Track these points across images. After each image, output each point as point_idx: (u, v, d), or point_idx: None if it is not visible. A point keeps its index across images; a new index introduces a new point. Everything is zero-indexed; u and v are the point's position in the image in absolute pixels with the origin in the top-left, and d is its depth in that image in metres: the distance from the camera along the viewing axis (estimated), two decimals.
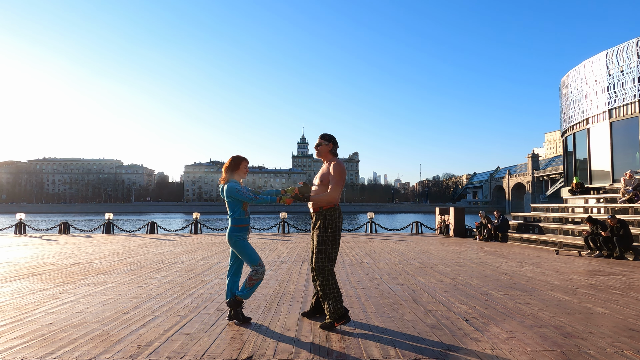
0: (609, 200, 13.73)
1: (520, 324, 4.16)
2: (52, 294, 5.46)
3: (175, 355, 3.24)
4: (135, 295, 5.43)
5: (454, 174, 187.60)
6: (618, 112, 15.25)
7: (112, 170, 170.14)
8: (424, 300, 5.21)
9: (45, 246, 12.21)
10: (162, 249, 11.48)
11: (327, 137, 4.19)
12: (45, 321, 4.18)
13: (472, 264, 8.61)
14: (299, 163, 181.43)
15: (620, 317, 4.43)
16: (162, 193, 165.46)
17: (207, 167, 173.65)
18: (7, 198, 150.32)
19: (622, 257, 9.52)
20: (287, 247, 11.90)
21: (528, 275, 7.13)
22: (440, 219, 17.64)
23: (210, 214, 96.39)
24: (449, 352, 3.34)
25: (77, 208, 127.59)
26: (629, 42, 14.86)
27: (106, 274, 7.16)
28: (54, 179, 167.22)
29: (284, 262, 8.71)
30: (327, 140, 4.17)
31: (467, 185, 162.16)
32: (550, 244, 12.18)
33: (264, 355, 3.25)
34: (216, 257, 9.67)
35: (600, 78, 16.04)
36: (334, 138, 4.23)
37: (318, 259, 3.97)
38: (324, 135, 4.21)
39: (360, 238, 15.46)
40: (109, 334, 3.77)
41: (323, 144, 4.16)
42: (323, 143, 4.16)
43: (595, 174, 16.58)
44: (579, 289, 5.96)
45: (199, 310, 4.63)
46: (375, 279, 6.68)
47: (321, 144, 4.17)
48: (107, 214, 18.97)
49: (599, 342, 3.61)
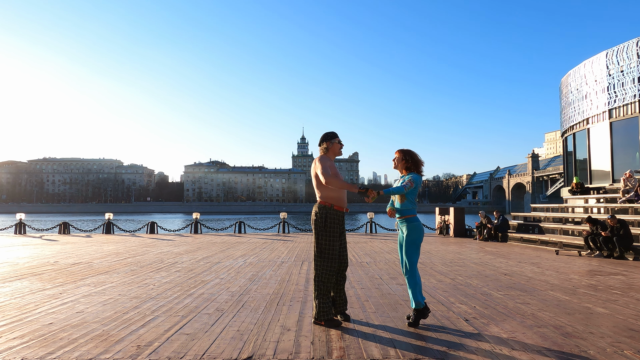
0: (609, 200, 13.73)
1: (520, 324, 4.16)
2: (52, 294, 5.46)
3: (175, 355, 3.24)
4: (135, 295, 5.43)
5: (454, 174, 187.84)
6: (618, 112, 15.25)
7: (112, 170, 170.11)
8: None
9: (45, 246, 12.21)
10: (162, 249, 11.48)
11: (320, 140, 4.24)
12: (45, 321, 4.18)
13: (472, 264, 8.61)
14: (299, 163, 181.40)
15: (620, 317, 4.43)
16: (162, 193, 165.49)
17: (207, 167, 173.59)
18: (7, 198, 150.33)
19: (622, 257, 9.51)
20: (287, 247, 11.90)
21: (528, 275, 7.13)
22: (440, 219, 17.64)
23: (210, 214, 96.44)
24: (449, 352, 3.33)
25: (77, 208, 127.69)
26: (629, 42, 14.86)
27: (106, 274, 7.16)
28: (54, 179, 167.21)
29: (284, 262, 8.71)
30: (319, 144, 4.23)
31: (467, 185, 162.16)
32: (550, 244, 12.18)
33: (264, 355, 3.25)
34: (216, 257, 9.67)
35: (600, 78, 16.04)
36: (324, 136, 4.22)
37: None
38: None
39: (360, 238, 15.46)
40: (109, 334, 3.77)
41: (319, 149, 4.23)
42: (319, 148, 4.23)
43: (595, 174, 16.58)
44: (579, 289, 5.96)
45: (199, 310, 4.63)
46: (375, 279, 6.68)
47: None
48: (107, 214, 18.98)
49: (599, 342, 3.61)
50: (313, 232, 4.09)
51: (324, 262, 4.00)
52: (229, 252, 10.42)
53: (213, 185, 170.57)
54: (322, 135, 4.23)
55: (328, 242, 4.00)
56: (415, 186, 3.96)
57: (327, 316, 4.01)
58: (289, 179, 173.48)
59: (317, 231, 4.02)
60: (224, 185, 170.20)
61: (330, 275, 4.01)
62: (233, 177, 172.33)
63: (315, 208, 4.08)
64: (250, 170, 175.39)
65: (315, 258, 4.05)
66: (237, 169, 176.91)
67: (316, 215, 4.04)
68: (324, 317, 3.99)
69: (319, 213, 4.02)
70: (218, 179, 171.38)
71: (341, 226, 4.11)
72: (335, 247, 4.03)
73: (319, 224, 4.01)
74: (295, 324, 4.13)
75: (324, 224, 3.99)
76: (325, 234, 3.99)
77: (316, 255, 4.04)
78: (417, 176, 4.03)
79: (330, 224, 4.01)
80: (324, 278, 4.00)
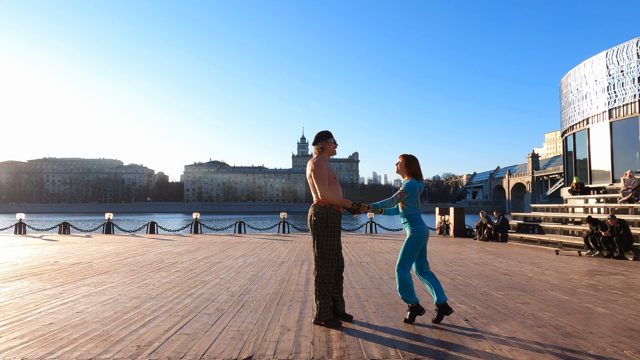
0: (609, 200, 13.73)
1: (520, 324, 4.16)
2: (52, 294, 5.46)
3: (175, 355, 3.24)
4: (135, 295, 5.43)
5: (454, 174, 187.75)
6: (618, 112, 15.25)
7: (112, 170, 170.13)
8: (423, 300, 5.20)
9: (45, 246, 12.21)
10: (162, 249, 11.48)
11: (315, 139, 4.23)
12: (45, 321, 4.18)
13: (472, 264, 8.61)
14: (299, 163, 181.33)
15: (620, 317, 4.43)
16: (162, 193, 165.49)
17: (207, 167, 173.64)
18: (7, 198, 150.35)
19: (622, 257, 9.51)
20: (287, 247, 11.90)
21: (528, 275, 7.13)
22: (440, 219, 17.65)
23: (210, 214, 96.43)
24: (449, 352, 3.33)
25: (77, 208, 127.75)
26: (629, 42, 14.85)
27: (106, 274, 7.16)
28: (54, 179, 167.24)
29: (284, 262, 8.71)
30: (314, 143, 4.23)
31: (467, 185, 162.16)
32: (550, 244, 12.18)
33: (264, 355, 3.25)
34: (216, 257, 9.67)
35: (600, 78, 16.04)
36: (318, 135, 4.21)
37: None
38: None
39: (360, 238, 15.46)
40: (109, 334, 3.77)
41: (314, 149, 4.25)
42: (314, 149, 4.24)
43: (595, 174, 16.57)
44: (579, 289, 5.96)
45: (199, 310, 4.63)
46: (375, 279, 6.68)
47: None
48: (107, 214, 18.98)
49: (599, 342, 3.61)
50: (312, 233, 4.06)
51: (325, 262, 4.00)
52: (229, 252, 10.42)
53: (213, 185, 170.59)
54: (316, 135, 4.21)
55: (329, 242, 4.01)
56: (412, 193, 4.06)
57: (327, 316, 4.01)
58: (289, 179, 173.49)
59: (317, 232, 4.01)
60: (224, 185, 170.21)
61: (331, 275, 4.02)
62: (233, 177, 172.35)
63: (314, 209, 4.05)
64: (250, 170, 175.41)
65: (317, 259, 4.04)
66: (237, 169, 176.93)
67: (316, 216, 4.01)
68: (325, 317, 4.00)
69: (320, 214, 4.01)
70: (218, 179, 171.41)
71: (340, 226, 4.14)
72: (335, 247, 4.04)
73: (320, 225, 3.99)
74: (295, 324, 4.13)
75: (325, 224, 3.99)
76: (327, 234, 3.99)
77: (317, 256, 4.03)
78: (412, 183, 4.09)
79: (331, 224, 4.01)
80: (325, 279, 4.01)
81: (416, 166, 4.17)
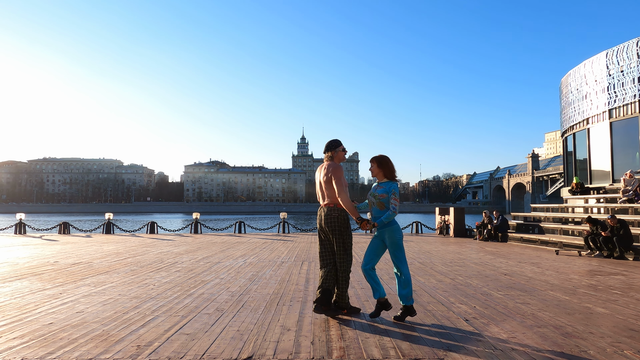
0: (609, 200, 13.73)
1: (520, 324, 4.17)
2: (52, 294, 5.46)
3: (175, 355, 3.24)
4: (135, 295, 5.43)
5: (454, 174, 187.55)
6: (618, 112, 15.25)
7: (112, 170, 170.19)
8: (424, 300, 5.21)
9: (45, 246, 12.21)
10: (162, 249, 11.48)
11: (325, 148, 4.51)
12: (45, 321, 4.18)
13: (472, 264, 8.61)
14: (299, 163, 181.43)
15: (620, 317, 4.43)
16: (162, 193, 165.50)
17: (207, 167, 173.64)
18: (7, 198, 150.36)
19: (622, 257, 9.52)
20: (287, 247, 11.90)
21: (528, 275, 7.13)
22: (440, 219, 17.65)
23: (210, 214, 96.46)
24: (449, 352, 3.34)
25: (77, 208, 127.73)
26: (629, 42, 14.85)
27: (106, 274, 7.16)
28: (54, 179, 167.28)
29: (284, 262, 8.71)
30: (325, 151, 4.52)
31: (467, 185, 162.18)
32: (550, 244, 12.18)
33: (264, 355, 3.25)
34: (216, 257, 9.67)
35: (600, 78, 16.04)
36: (328, 144, 4.48)
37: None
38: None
39: (360, 238, 15.46)
40: (109, 334, 3.77)
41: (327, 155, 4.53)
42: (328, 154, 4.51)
43: (595, 174, 16.57)
44: (579, 289, 5.96)
45: (199, 310, 4.63)
46: None
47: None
48: (107, 214, 18.99)
49: (599, 342, 3.61)
50: (333, 233, 4.34)
51: (348, 257, 4.39)
52: (229, 252, 10.42)
53: (213, 185, 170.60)
54: (326, 144, 4.51)
55: (350, 239, 4.44)
56: (397, 195, 4.21)
57: (348, 304, 4.48)
58: (289, 179, 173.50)
59: (341, 231, 4.35)
60: (224, 185, 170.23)
61: (350, 267, 4.43)
62: (233, 177, 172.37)
63: (334, 211, 4.35)
64: (250, 170, 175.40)
65: (341, 255, 4.37)
66: (237, 169, 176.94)
67: (338, 218, 4.33)
68: (347, 305, 4.45)
69: (340, 215, 4.34)
70: (218, 179, 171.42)
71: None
72: (352, 243, 4.50)
73: (343, 225, 4.35)
74: (295, 324, 4.13)
75: (346, 224, 4.38)
76: (348, 232, 4.40)
77: (342, 253, 4.37)
78: (396, 185, 4.26)
79: (349, 224, 4.42)
80: (349, 270, 4.41)
81: (390, 166, 4.30)
